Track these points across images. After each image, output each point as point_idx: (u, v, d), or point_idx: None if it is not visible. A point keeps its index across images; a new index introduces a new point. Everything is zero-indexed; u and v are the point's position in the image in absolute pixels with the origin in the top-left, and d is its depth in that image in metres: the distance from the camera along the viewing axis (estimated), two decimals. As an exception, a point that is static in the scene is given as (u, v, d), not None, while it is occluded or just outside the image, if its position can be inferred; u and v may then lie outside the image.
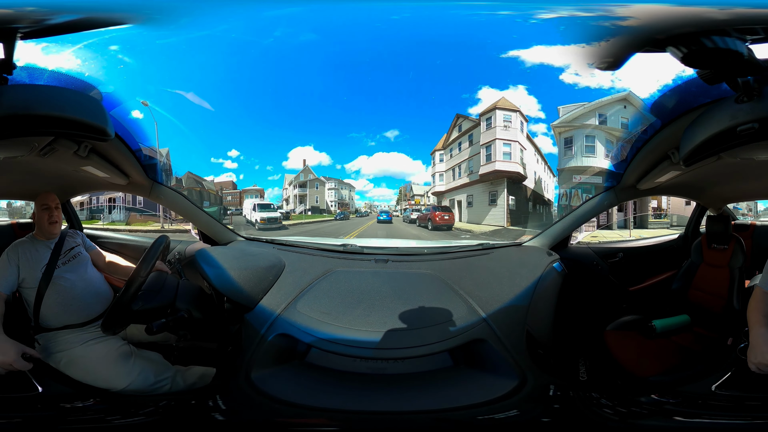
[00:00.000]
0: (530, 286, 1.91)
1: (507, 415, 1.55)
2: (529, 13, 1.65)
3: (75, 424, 1.63)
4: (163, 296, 1.74)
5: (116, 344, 1.92)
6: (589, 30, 1.52)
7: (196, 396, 1.88)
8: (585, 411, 1.70)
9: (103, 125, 1.50)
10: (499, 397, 1.58)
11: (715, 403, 1.58)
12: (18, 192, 2.54)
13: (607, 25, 1.48)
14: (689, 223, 3.15)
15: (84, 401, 1.72)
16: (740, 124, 1.28)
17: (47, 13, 1.35)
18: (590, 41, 1.53)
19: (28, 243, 2.00)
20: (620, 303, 2.82)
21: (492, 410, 1.56)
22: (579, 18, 1.54)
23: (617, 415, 1.62)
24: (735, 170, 2.08)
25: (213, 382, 1.94)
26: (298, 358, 1.72)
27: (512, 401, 1.58)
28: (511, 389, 1.60)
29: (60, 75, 1.61)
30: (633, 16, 1.43)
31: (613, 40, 1.48)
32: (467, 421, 1.57)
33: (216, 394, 1.72)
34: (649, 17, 1.39)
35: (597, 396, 1.77)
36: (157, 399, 1.80)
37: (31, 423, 1.59)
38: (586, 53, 1.59)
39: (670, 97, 1.77)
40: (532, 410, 1.63)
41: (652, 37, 1.36)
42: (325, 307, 1.83)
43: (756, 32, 1.17)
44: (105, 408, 1.73)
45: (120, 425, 1.64)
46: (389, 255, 2.36)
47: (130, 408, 1.73)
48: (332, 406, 1.58)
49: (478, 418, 1.57)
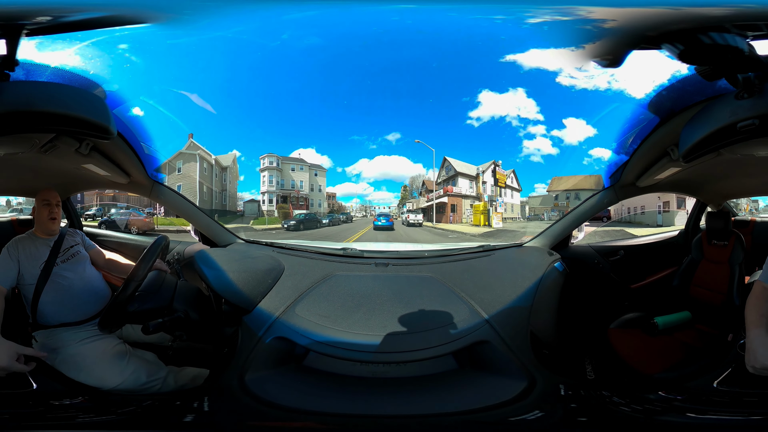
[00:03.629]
0: (532, 286, 1.90)
1: (535, 416, 1.54)
2: (520, 16, 1.65)
3: (57, 420, 1.62)
4: (161, 296, 1.73)
5: (112, 343, 1.92)
6: (575, 33, 1.53)
7: (184, 397, 1.86)
8: (602, 410, 1.69)
9: (106, 123, 1.49)
10: (514, 398, 1.56)
11: (718, 400, 1.60)
12: (18, 189, 2.55)
13: (589, 28, 1.49)
14: (689, 219, 3.15)
15: (72, 399, 1.72)
16: (740, 120, 1.28)
17: (66, 10, 1.34)
18: (578, 44, 1.55)
19: (28, 239, 2.01)
20: (622, 301, 2.82)
21: (513, 411, 1.53)
22: (560, 22, 1.56)
23: (638, 413, 1.61)
24: (735, 166, 2.08)
25: (205, 383, 1.94)
26: (295, 361, 1.70)
27: (529, 402, 1.56)
28: (523, 390, 1.58)
29: (63, 72, 1.59)
30: (610, 18, 1.44)
31: (602, 42, 1.49)
32: (495, 422, 1.54)
33: (205, 395, 1.71)
34: (624, 18, 1.41)
35: (608, 394, 1.76)
36: (142, 399, 1.79)
37: (18, 419, 1.58)
38: (577, 56, 1.60)
39: (668, 94, 1.77)
40: (555, 411, 1.61)
41: (642, 35, 1.36)
42: (325, 310, 1.82)
43: (759, 28, 1.16)
44: (89, 406, 1.72)
45: (92, 422, 1.63)
46: (389, 259, 2.34)
47: (111, 407, 1.72)
48: (328, 410, 1.55)
49: (509, 419, 1.54)
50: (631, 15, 1.39)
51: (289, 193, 6.60)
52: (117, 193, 6.95)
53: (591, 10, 1.45)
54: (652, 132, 1.98)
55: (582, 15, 1.48)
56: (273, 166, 6.46)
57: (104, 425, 1.61)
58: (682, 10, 1.27)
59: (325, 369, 1.67)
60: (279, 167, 6.58)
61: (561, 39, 1.63)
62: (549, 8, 1.54)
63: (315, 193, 7.50)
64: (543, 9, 1.55)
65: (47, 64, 1.53)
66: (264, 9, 1.67)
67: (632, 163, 2.28)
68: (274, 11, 1.72)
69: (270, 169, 6.62)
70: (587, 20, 1.48)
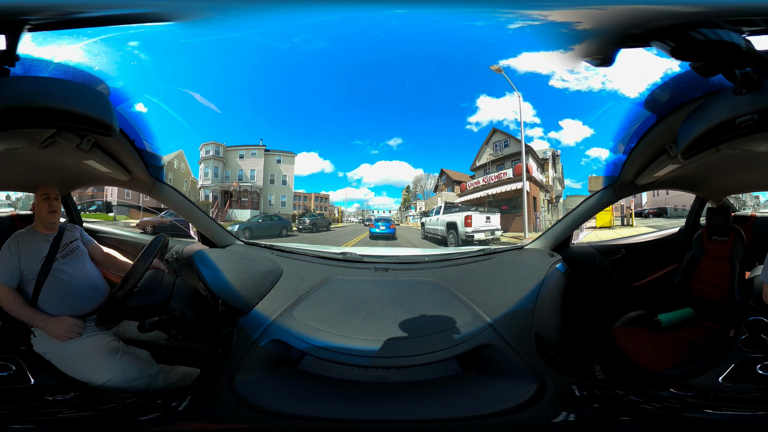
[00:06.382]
0: (534, 288, 1.89)
1: (565, 419, 1.49)
2: (499, 21, 1.67)
3: (46, 416, 1.60)
4: (158, 295, 1.73)
5: (106, 339, 1.90)
6: (555, 37, 1.54)
7: (168, 396, 1.84)
8: (625, 408, 1.65)
9: (109, 120, 1.48)
10: (528, 401, 1.52)
11: (724, 395, 1.60)
12: (19, 184, 2.53)
13: (564, 31, 1.50)
14: (689, 215, 3.14)
15: (64, 395, 1.71)
16: (740, 115, 1.28)
17: (82, 7, 1.34)
18: (566, 47, 1.55)
19: (28, 235, 2.01)
20: (625, 299, 2.81)
21: (533, 415, 1.48)
22: (537, 26, 1.57)
23: (661, 411, 1.59)
24: (734, 162, 2.08)
25: (193, 383, 1.92)
26: (289, 365, 1.68)
27: (545, 405, 1.52)
28: (535, 392, 1.54)
29: (66, 68, 1.59)
30: (575, 20, 1.45)
31: (588, 42, 1.50)
32: (522, 423, 1.48)
33: (188, 395, 1.69)
34: (590, 19, 1.42)
35: (623, 393, 1.73)
36: (126, 396, 1.77)
37: (14, 414, 1.57)
38: (568, 58, 1.61)
39: (663, 91, 1.77)
40: (586, 412, 1.57)
41: (628, 33, 1.36)
42: (322, 314, 1.80)
43: (756, 24, 1.16)
44: (76, 402, 1.71)
45: (70, 418, 1.60)
46: (389, 263, 2.33)
47: (95, 404, 1.70)
48: (320, 415, 1.50)
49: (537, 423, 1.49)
50: (596, 16, 1.41)
51: (228, 187, 4.84)
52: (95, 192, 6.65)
53: (546, 14, 1.47)
54: (650, 130, 1.97)
55: (552, 18, 1.49)
56: (210, 156, 4.55)
57: (83, 421, 1.58)
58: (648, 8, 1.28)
59: (321, 373, 1.64)
60: (220, 156, 4.75)
61: (545, 42, 1.65)
62: (512, 12, 1.56)
63: (276, 187, 5.53)
64: (508, 13, 1.57)
65: (50, 60, 1.52)
66: (282, 13, 1.68)
67: (630, 162, 2.27)
68: (291, 16, 1.74)
69: (208, 159, 4.72)
70: (557, 23, 1.50)
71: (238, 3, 1.55)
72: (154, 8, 1.44)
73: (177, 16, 1.47)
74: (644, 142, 2.05)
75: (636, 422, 1.53)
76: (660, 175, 2.28)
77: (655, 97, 1.83)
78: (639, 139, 2.07)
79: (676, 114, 1.75)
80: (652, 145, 2.05)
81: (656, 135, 1.96)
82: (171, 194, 2.53)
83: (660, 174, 2.26)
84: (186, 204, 2.61)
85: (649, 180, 2.39)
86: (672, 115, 1.79)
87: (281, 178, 5.54)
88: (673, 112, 1.77)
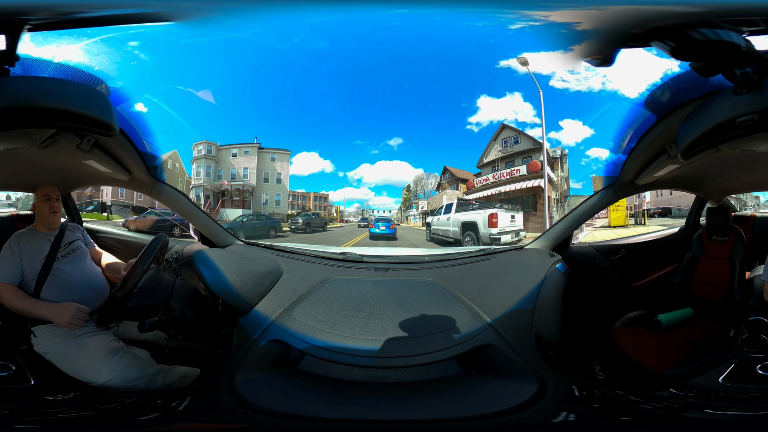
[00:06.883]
0: (534, 288, 1.89)
1: (565, 419, 1.49)
2: (500, 22, 1.67)
3: (46, 416, 1.60)
4: (158, 295, 1.73)
5: (106, 339, 1.90)
6: (556, 37, 1.54)
7: (168, 396, 1.83)
8: (625, 408, 1.65)
9: (109, 120, 1.48)
10: (529, 401, 1.51)
11: (724, 395, 1.60)
12: (19, 184, 2.53)
13: (564, 31, 1.50)
14: (689, 215, 3.14)
15: (64, 394, 1.71)
16: (739, 115, 1.28)
17: (82, 7, 1.34)
18: (566, 47, 1.55)
19: (29, 235, 2.01)
20: (625, 299, 2.81)
21: (534, 415, 1.48)
22: (538, 27, 1.57)
23: (661, 411, 1.59)
24: (734, 162, 2.08)
25: (193, 383, 1.92)
26: (289, 364, 1.68)
27: (546, 405, 1.52)
28: (535, 392, 1.54)
29: (66, 68, 1.59)
30: (579, 21, 1.45)
31: (588, 43, 1.50)
32: (523, 423, 1.47)
33: (188, 395, 1.69)
34: (591, 20, 1.42)
35: (623, 393, 1.73)
36: (126, 396, 1.77)
37: (15, 414, 1.57)
38: (568, 58, 1.62)
39: (664, 91, 1.77)
40: (586, 412, 1.58)
41: (628, 33, 1.36)
42: (322, 314, 1.80)
43: (756, 24, 1.16)
44: (77, 402, 1.70)
45: (71, 418, 1.59)
46: (389, 263, 2.33)
47: (95, 403, 1.70)
48: (320, 415, 1.50)
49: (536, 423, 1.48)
50: (596, 16, 1.41)
51: (219, 186, 4.59)
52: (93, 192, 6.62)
53: (547, 14, 1.47)
54: (650, 130, 1.97)
55: (553, 19, 1.49)
56: (203, 155, 4.33)
57: (83, 421, 1.58)
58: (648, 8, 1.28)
59: (321, 373, 1.64)
60: (213, 155, 4.55)
61: (546, 42, 1.65)
62: (514, 12, 1.56)
63: (270, 185, 5.36)
64: (510, 13, 1.57)
65: (50, 60, 1.52)
66: (282, 13, 1.69)
67: (630, 162, 2.27)
68: (291, 16, 1.74)
69: (200, 159, 4.52)
70: (558, 24, 1.50)
71: (239, 3, 1.55)
72: (154, 8, 1.44)
73: (177, 16, 1.48)
74: (644, 142, 2.05)
75: (636, 422, 1.53)
76: (660, 175, 2.28)
77: (655, 97, 1.83)
78: (639, 139, 2.07)
79: (676, 114, 1.75)
80: (652, 145, 2.05)
81: (656, 135, 1.96)
82: (171, 194, 2.53)
83: (660, 174, 2.26)
84: (186, 203, 2.61)
85: (649, 180, 2.39)
86: (672, 115, 1.79)
87: (275, 176, 5.39)
88: (673, 112, 1.77)
